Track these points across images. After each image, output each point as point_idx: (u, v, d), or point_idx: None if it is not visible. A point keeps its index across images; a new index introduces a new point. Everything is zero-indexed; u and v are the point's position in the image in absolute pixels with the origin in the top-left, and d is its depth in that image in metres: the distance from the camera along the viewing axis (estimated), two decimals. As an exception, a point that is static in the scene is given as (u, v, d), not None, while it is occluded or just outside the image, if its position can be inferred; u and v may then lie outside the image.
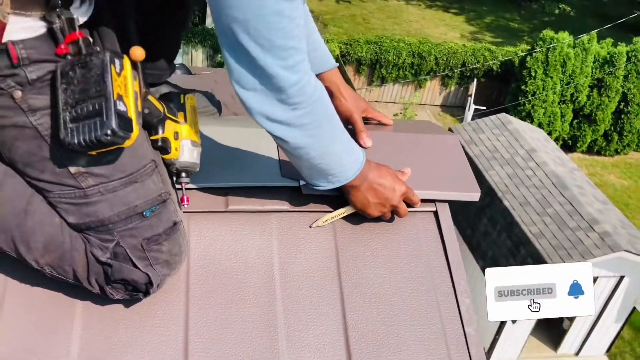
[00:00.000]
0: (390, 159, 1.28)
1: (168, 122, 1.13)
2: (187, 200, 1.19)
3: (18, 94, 0.94)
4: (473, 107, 13.66)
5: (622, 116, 13.73)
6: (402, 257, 1.28)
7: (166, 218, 1.10)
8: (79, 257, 1.06)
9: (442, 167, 1.38)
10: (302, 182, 1.29)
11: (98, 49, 0.97)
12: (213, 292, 1.20)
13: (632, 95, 13.43)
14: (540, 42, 13.29)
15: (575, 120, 13.93)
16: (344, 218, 1.29)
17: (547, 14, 22.10)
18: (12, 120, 0.96)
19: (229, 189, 1.28)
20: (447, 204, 1.34)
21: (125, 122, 0.91)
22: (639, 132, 14.14)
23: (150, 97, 1.07)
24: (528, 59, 13.41)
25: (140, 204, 1.05)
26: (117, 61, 0.94)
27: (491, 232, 8.44)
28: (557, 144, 13.19)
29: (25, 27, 0.91)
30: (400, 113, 10.69)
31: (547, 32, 13.34)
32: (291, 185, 1.30)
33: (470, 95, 14.18)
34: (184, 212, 1.19)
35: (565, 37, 13.15)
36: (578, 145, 14.10)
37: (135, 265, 1.08)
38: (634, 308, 8.32)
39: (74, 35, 0.93)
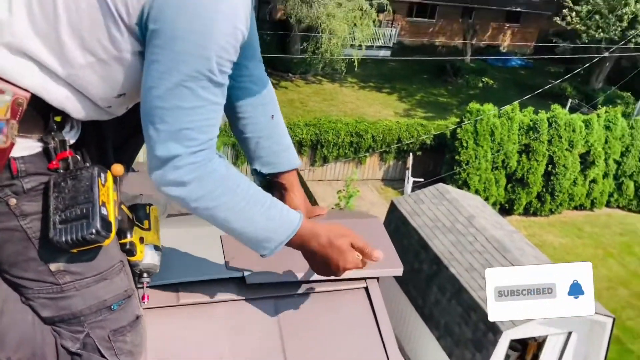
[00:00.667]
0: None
1: (135, 229, 1.29)
2: (147, 298, 1.32)
3: (13, 201, 1.09)
4: (412, 179, 14.19)
5: (552, 177, 14.57)
6: (339, 331, 1.43)
7: (130, 312, 1.23)
8: (49, 352, 1.16)
9: (369, 247, 1.56)
10: (246, 273, 1.43)
11: (87, 164, 1.15)
12: (169, 381, 1.31)
13: (557, 158, 14.34)
14: (468, 114, 14.15)
15: (509, 185, 14.66)
16: (286, 298, 1.44)
17: (472, 87, 23.57)
18: (4, 224, 1.10)
19: (179, 285, 1.41)
20: (376, 280, 1.51)
21: (106, 224, 1.08)
22: (569, 192, 14.99)
23: (122, 207, 1.24)
24: (458, 130, 14.21)
25: (109, 299, 1.18)
26: (102, 175, 1.12)
27: (441, 300, 8.62)
28: (495, 208, 13.77)
29: (26, 147, 1.08)
30: (344, 190, 11.00)
31: (474, 105, 14.25)
32: (236, 276, 1.44)
33: (408, 169, 14.76)
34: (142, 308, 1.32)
35: (490, 108, 14.08)
36: (515, 208, 14.77)
37: (102, 355, 1.19)
38: (585, 362, 8.54)
39: (65, 154, 1.11)
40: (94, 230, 1.04)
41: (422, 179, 13.92)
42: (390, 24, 25.78)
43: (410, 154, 15.38)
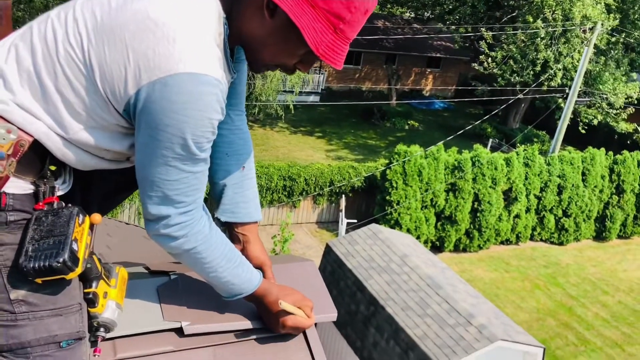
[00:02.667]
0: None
1: (101, 282, 1.31)
2: (100, 351, 1.31)
3: None
4: (345, 221, 14.34)
5: (478, 214, 15.11)
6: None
7: (78, 356, 1.23)
8: None
9: (304, 293, 1.58)
10: (184, 323, 1.43)
11: (70, 205, 1.22)
12: None
13: (482, 195, 14.92)
14: (397, 156, 14.56)
15: (439, 223, 15.07)
16: (225, 346, 1.45)
17: (399, 130, 24.34)
18: None
19: (116, 339, 1.39)
20: (313, 325, 1.53)
21: (74, 258, 1.13)
22: (495, 227, 15.57)
23: (94, 257, 1.28)
24: (388, 171, 14.58)
25: (60, 334, 1.19)
26: (81, 216, 1.20)
27: (379, 341, 8.65)
28: (427, 246, 14.11)
29: (19, 186, 1.18)
30: (278, 234, 10.97)
31: (401, 147, 14.70)
32: (174, 327, 1.43)
33: (341, 211, 14.92)
34: None
35: (417, 149, 14.56)
36: (445, 245, 15.15)
37: None
38: (519, 394, 8.72)
39: (51, 199, 1.21)
40: (61, 260, 1.10)
41: (355, 220, 14.10)
42: (318, 70, 26.44)
43: (343, 196, 15.59)
